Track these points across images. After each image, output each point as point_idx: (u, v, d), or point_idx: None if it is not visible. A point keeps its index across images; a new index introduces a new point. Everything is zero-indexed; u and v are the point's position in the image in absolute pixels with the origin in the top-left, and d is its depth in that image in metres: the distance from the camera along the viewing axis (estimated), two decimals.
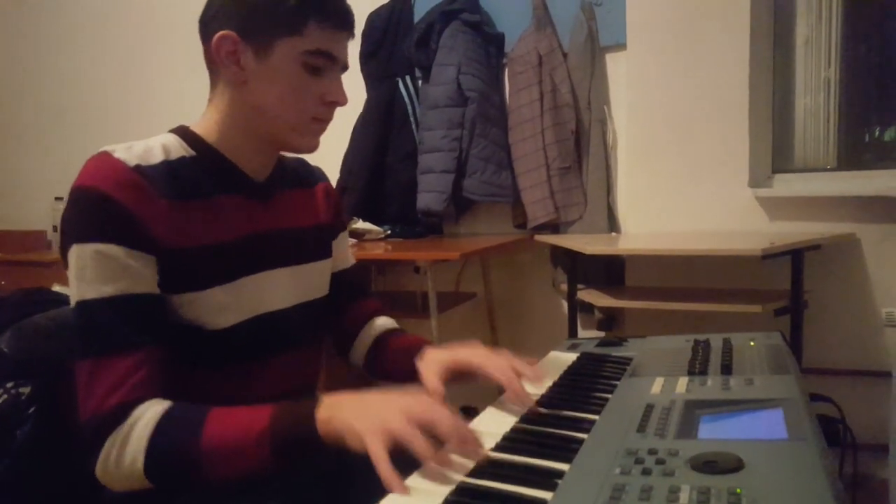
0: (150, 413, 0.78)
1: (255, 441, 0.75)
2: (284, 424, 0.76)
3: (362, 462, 0.71)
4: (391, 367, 1.07)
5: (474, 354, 0.92)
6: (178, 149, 0.89)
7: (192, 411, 0.79)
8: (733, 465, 0.59)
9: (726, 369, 0.90)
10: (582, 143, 2.55)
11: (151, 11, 3.39)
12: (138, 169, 0.83)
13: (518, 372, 0.88)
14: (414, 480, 0.65)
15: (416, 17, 2.75)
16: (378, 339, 1.11)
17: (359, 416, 0.73)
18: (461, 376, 0.94)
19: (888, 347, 2.17)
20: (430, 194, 2.59)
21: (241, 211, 0.92)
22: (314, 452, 0.76)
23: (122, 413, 0.77)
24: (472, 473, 0.65)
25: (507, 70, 2.66)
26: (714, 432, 0.68)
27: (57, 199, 3.18)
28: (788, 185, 2.39)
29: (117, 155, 0.83)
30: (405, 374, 1.01)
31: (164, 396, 0.81)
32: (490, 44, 2.64)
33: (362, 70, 2.77)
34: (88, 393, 0.78)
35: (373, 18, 2.77)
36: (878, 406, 2.02)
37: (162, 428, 0.77)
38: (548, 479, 0.62)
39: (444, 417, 0.71)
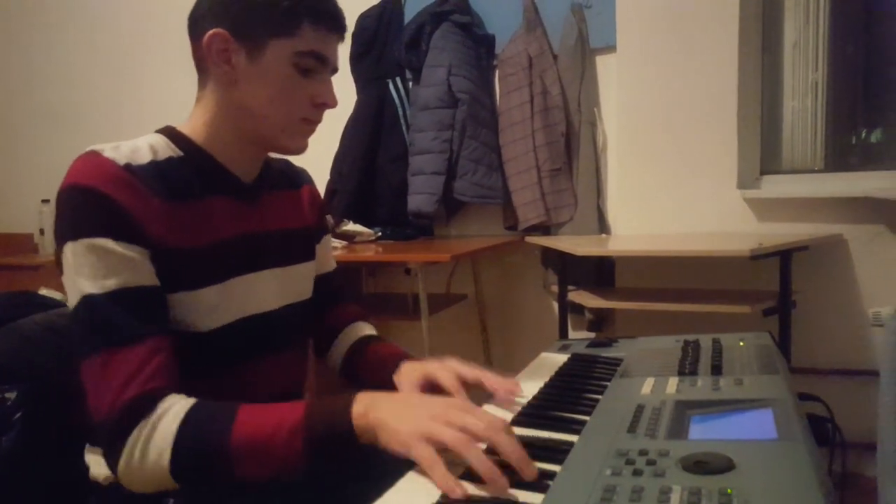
0: (177, 407, 0.76)
1: (287, 435, 0.73)
2: (319, 418, 0.74)
3: (358, 463, 0.71)
4: (366, 374, 1.06)
5: (441, 368, 0.91)
6: (166, 149, 0.89)
7: (222, 405, 0.77)
8: (724, 466, 0.59)
9: (716, 370, 0.90)
10: (572, 145, 2.56)
11: (140, 13, 3.37)
12: (128, 167, 0.82)
13: (463, 379, 0.88)
14: (405, 482, 0.65)
15: (407, 19, 2.75)
16: (356, 345, 1.10)
17: (397, 415, 0.71)
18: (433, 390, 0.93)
19: (875, 347, 2.18)
20: (421, 196, 2.59)
21: (229, 212, 0.92)
22: (348, 449, 0.73)
23: (143, 406, 0.75)
24: (464, 475, 0.65)
25: (497, 72, 2.66)
26: (704, 433, 0.69)
27: (44, 201, 3.15)
28: (776, 187, 2.41)
29: (106, 154, 0.82)
30: (380, 384, 1.00)
31: (178, 385, 0.79)
32: (480, 45, 2.64)
33: (353, 71, 2.77)
34: (103, 387, 0.75)
35: (363, 20, 2.77)
36: (866, 405, 2.03)
37: (190, 422, 0.75)
38: (539, 481, 0.62)
39: (500, 428, 0.67)
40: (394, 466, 0.67)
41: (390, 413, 0.72)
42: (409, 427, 0.69)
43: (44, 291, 1.14)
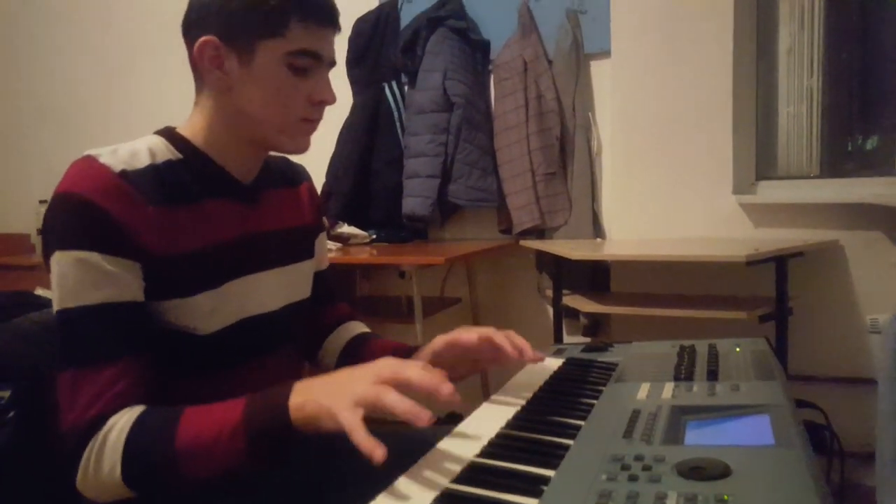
0: (123, 420, 0.76)
1: (229, 435, 0.73)
2: (257, 415, 0.74)
3: (346, 466, 0.70)
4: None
5: (459, 330, 0.94)
6: (165, 151, 0.88)
7: (165, 412, 0.77)
8: (720, 472, 0.58)
9: (712, 375, 0.89)
10: (567, 150, 2.56)
11: (137, 13, 3.36)
12: (124, 174, 0.81)
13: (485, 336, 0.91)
14: (398, 486, 0.64)
15: (403, 23, 2.75)
16: (352, 343, 1.10)
17: (331, 393, 0.71)
18: (454, 358, 0.95)
19: (873, 354, 2.18)
20: (416, 199, 2.58)
21: (229, 214, 0.91)
22: (289, 442, 0.73)
23: (100, 423, 0.75)
24: (456, 479, 0.64)
25: (492, 76, 2.66)
26: (700, 438, 0.68)
27: (41, 202, 3.14)
28: (772, 193, 2.41)
29: (103, 160, 0.81)
30: None
31: (147, 403, 0.79)
32: (476, 50, 2.64)
33: (349, 75, 2.76)
34: (70, 404, 0.76)
35: (359, 24, 2.77)
36: (864, 414, 2.03)
37: (136, 432, 0.75)
38: (533, 486, 0.61)
39: (411, 368, 0.70)
40: (381, 475, 0.66)
41: (325, 396, 0.72)
42: (339, 402, 0.69)
43: (39, 292, 1.13)
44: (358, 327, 1.13)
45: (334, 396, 0.70)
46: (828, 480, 1.88)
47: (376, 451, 0.63)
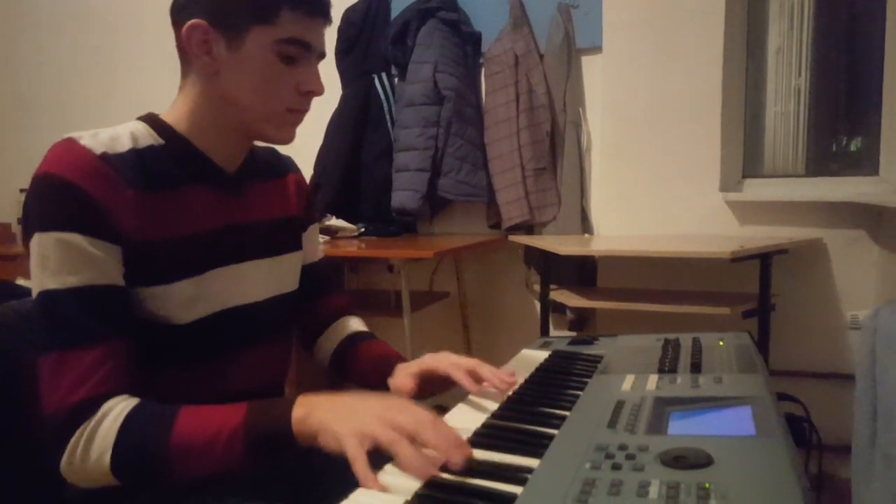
0: (118, 409, 0.75)
1: (227, 439, 0.73)
2: (258, 422, 0.74)
3: (328, 459, 0.70)
4: (358, 372, 1.06)
5: (440, 360, 0.94)
6: (147, 137, 0.87)
7: (162, 408, 0.77)
8: (702, 461, 0.59)
9: (696, 368, 0.91)
10: (557, 145, 2.57)
11: (116, 3, 3.32)
12: (105, 157, 0.80)
13: (476, 375, 0.91)
14: (384, 475, 0.65)
15: (393, 14, 2.74)
16: (347, 341, 1.09)
17: (337, 417, 0.72)
18: (431, 383, 0.95)
19: (853, 350, 2.21)
20: (405, 193, 2.58)
21: (210, 202, 0.90)
22: (287, 452, 0.74)
23: (88, 408, 0.75)
24: (442, 468, 0.64)
25: (483, 69, 2.66)
26: (684, 429, 0.69)
27: (21, 190, 3.10)
28: (758, 190, 2.43)
29: (83, 142, 0.80)
30: (372, 384, 1.01)
31: (132, 391, 0.78)
32: (467, 43, 2.64)
33: (338, 66, 2.75)
34: (53, 387, 0.75)
35: (349, 14, 2.75)
36: (842, 408, 2.06)
37: (131, 424, 0.74)
38: (518, 474, 0.61)
39: (427, 423, 0.69)
40: (374, 459, 0.66)
41: (330, 415, 0.72)
42: (345, 428, 0.70)
43: (21, 281, 1.12)
44: (352, 325, 1.13)
45: (342, 420, 0.71)
46: (806, 472, 1.90)
47: (370, 484, 0.63)
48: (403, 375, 0.95)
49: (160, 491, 0.82)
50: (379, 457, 0.67)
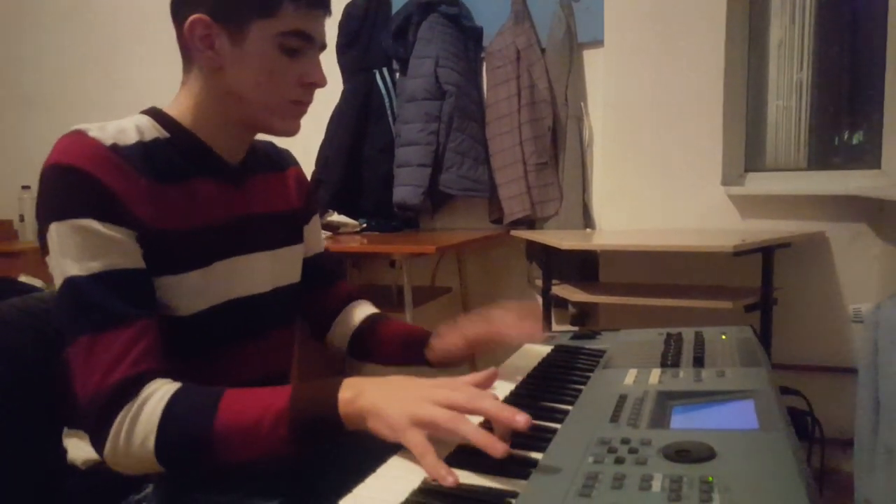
0: (161, 392, 0.75)
1: (272, 421, 0.72)
2: (305, 404, 0.73)
3: (329, 452, 0.70)
4: (385, 351, 1.08)
5: (476, 326, 0.99)
6: (152, 130, 0.87)
7: (206, 391, 0.77)
8: (705, 454, 0.59)
9: (698, 362, 0.91)
10: (558, 140, 2.56)
11: None
12: (115, 148, 0.81)
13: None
14: (386, 469, 0.65)
15: (394, 9, 2.73)
16: (365, 323, 1.11)
17: (388, 399, 0.70)
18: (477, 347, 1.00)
19: (855, 344, 2.21)
20: (407, 188, 2.58)
21: (216, 195, 0.90)
22: (334, 435, 0.73)
23: (129, 388, 0.74)
24: (446, 462, 0.64)
25: (485, 64, 2.66)
26: (686, 422, 0.69)
27: (24, 187, 3.11)
28: (760, 184, 2.43)
29: (92, 134, 0.81)
30: (402, 360, 1.05)
31: (165, 369, 0.78)
32: (468, 37, 2.63)
33: (339, 61, 2.75)
34: (88, 371, 0.74)
35: (350, 9, 2.75)
36: (845, 401, 2.06)
37: (175, 406, 0.74)
38: (521, 469, 0.61)
39: (483, 395, 0.68)
40: (376, 452, 0.66)
41: (380, 398, 0.71)
42: (398, 411, 0.68)
43: (23, 278, 1.12)
44: (367, 308, 1.14)
45: (393, 403, 0.69)
46: (808, 465, 1.91)
47: (447, 479, 0.60)
48: (454, 336, 0.99)
49: (166, 487, 0.82)
50: (380, 453, 0.67)
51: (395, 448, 0.68)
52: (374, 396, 0.71)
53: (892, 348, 1.48)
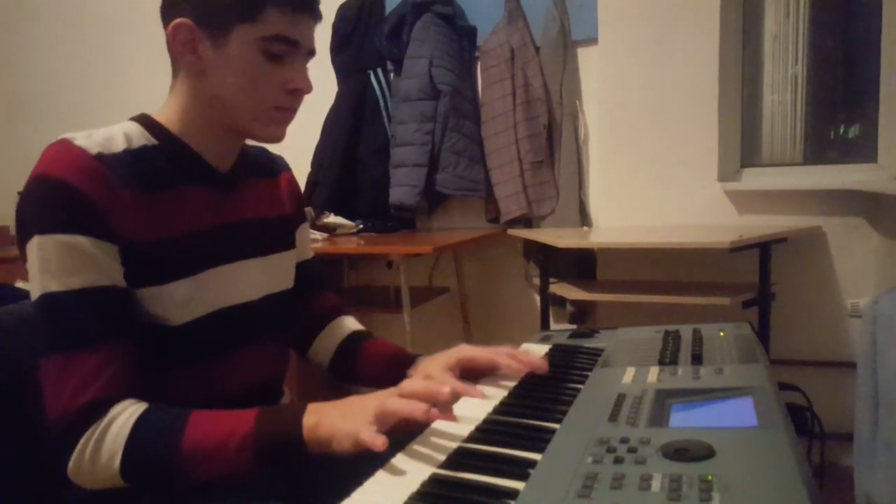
0: (128, 412, 0.75)
1: (237, 445, 0.73)
2: (269, 429, 0.74)
3: (331, 457, 0.70)
4: (366, 373, 1.05)
5: (475, 350, 0.92)
6: (140, 137, 0.87)
7: (172, 412, 0.77)
8: (704, 453, 0.59)
9: (696, 359, 0.90)
10: (554, 138, 2.56)
11: (114, 2, 3.31)
12: (100, 157, 0.80)
13: (517, 359, 0.92)
14: (385, 472, 0.64)
15: (388, 9, 2.73)
16: (347, 342, 1.08)
17: (345, 415, 0.73)
18: (466, 376, 0.92)
19: (853, 338, 2.21)
20: (403, 188, 2.57)
21: (205, 202, 0.90)
22: (297, 459, 0.74)
23: (95, 410, 0.75)
24: (444, 464, 0.64)
25: (479, 64, 2.65)
26: (685, 421, 0.68)
27: (19, 193, 3.09)
28: (756, 180, 2.43)
29: (78, 143, 0.80)
30: (381, 381, 1.00)
31: (137, 393, 0.78)
32: (462, 37, 2.63)
33: (333, 62, 2.75)
34: (57, 390, 0.75)
35: (343, 10, 2.75)
36: (843, 396, 2.06)
37: (141, 428, 0.75)
38: (520, 469, 0.61)
39: (430, 384, 0.73)
40: (375, 454, 0.66)
41: (340, 420, 0.73)
42: (354, 424, 0.71)
43: (20, 284, 1.12)
44: (350, 324, 1.12)
45: (349, 418, 0.72)
46: (808, 460, 1.91)
47: (377, 443, 0.67)
48: (436, 367, 0.91)
49: (162, 492, 0.82)
50: (379, 455, 0.67)
51: (393, 451, 0.67)
52: (334, 420, 0.73)
53: (890, 342, 1.48)
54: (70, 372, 0.75)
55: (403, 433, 0.70)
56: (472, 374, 0.94)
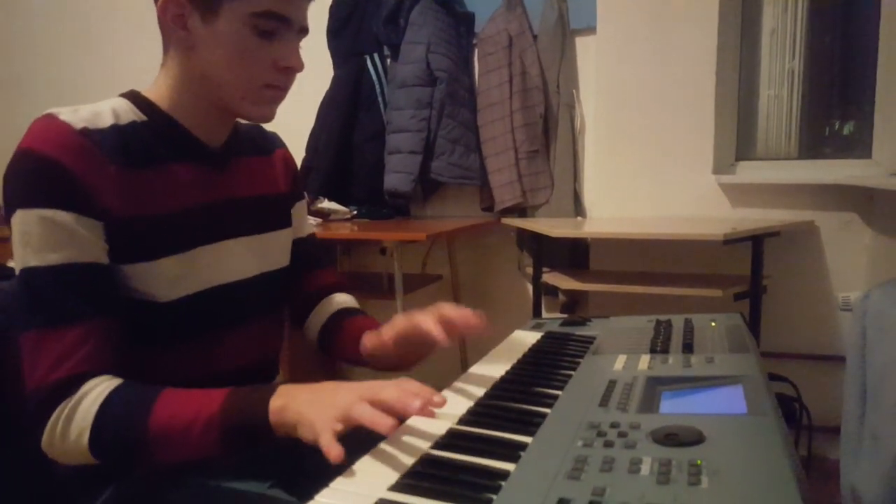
0: (99, 389, 0.75)
1: (203, 426, 0.73)
2: (235, 412, 0.74)
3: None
4: (341, 347, 1.05)
5: (408, 316, 0.90)
6: (129, 113, 0.86)
7: (143, 390, 0.77)
8: (694, 438, 0.59)
9: (687, 348, 0.91)
10: (550, 127, 2.55)
11: None
12: (85, 132, 0.79)
13: (445, 318, 0.86)
14: (378, 452, 0.65)
15: None
16: (332, 318, 1.08)
17: (312, 403, 0.72)
18: (409, 347, 0.92)
19: (843, 332, 2.23)
20: (398, 175, 2.57)
21: (195, 179, 0.89)
22: (263, 442, 0.74)
23: (69, 386, 0.75)
24: (436, 445, 0.65)
25: (476, 50, 2.64)
26: (675, 407, 0.69)
27: None
28: (751, 173, 2.43)
29: (63, 117, 0.79)
30: (354, 358, 1.01)
31: (116, 371, 0.78)
32: (460, 23, 2.61)
33: (329, 47, 2.72)
34: (33, 365, 0.75)
35: None
36: (832, 389, 2.08)
37: (110, 405, 0.74)
38: (511, 451, 0.61)
39: (387, 389, 0.70)
40: (366, 430, 0.66)
41: (307, 406, 0.72)
42: (319, 417, 0.69)
43: (11, 263, 1.11)
44: (341, 300, 1.11)
45: (316, 407, 0.71)
46: (795, 452, 1.92)
47: (332, 452, 0.64)
48: (373, 335, 0.94)
49: (147, 471, 0.82)
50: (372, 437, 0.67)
51: (369, 446, 0.67)
52: (301, 405, 0.72)
53: (879, 337, 1.49)
54: (46, 347, 0.75)
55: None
56: (412, 348, 0.93)
